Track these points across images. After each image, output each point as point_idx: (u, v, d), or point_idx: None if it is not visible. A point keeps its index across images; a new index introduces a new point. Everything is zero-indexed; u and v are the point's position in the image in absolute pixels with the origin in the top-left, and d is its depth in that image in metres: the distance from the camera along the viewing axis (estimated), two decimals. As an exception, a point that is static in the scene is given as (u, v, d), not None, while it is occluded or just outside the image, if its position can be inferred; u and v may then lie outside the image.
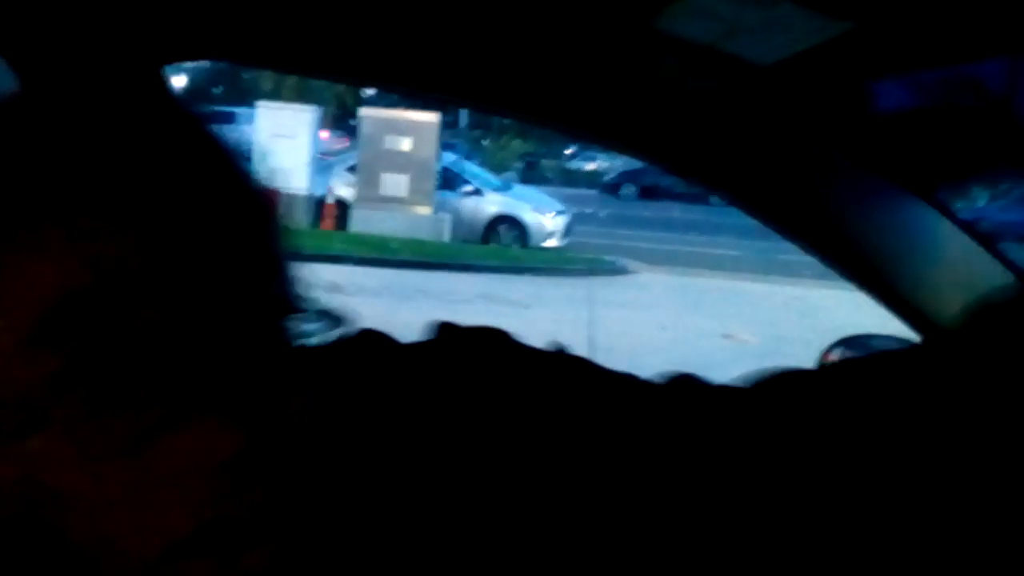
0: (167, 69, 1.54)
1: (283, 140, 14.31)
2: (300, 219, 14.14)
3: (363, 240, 13.94)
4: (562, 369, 0.79)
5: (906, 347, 1.10)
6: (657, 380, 0.82)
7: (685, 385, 0.82)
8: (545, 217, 15.88)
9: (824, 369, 0.85)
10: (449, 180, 16.03)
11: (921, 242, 1.24)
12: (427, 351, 0.78)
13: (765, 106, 1.18)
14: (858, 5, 0.96)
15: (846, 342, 1.90)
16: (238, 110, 18.16)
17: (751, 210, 1.26)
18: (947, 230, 1.23)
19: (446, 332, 0.79)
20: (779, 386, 0.82)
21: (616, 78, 1.18)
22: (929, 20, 1.00)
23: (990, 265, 1.22)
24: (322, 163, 15.58)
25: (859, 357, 0.85)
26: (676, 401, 0.79)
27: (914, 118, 1.22)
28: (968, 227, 1.24)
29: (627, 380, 0.80)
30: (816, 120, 1.19)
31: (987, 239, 1.23)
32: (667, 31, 1.06)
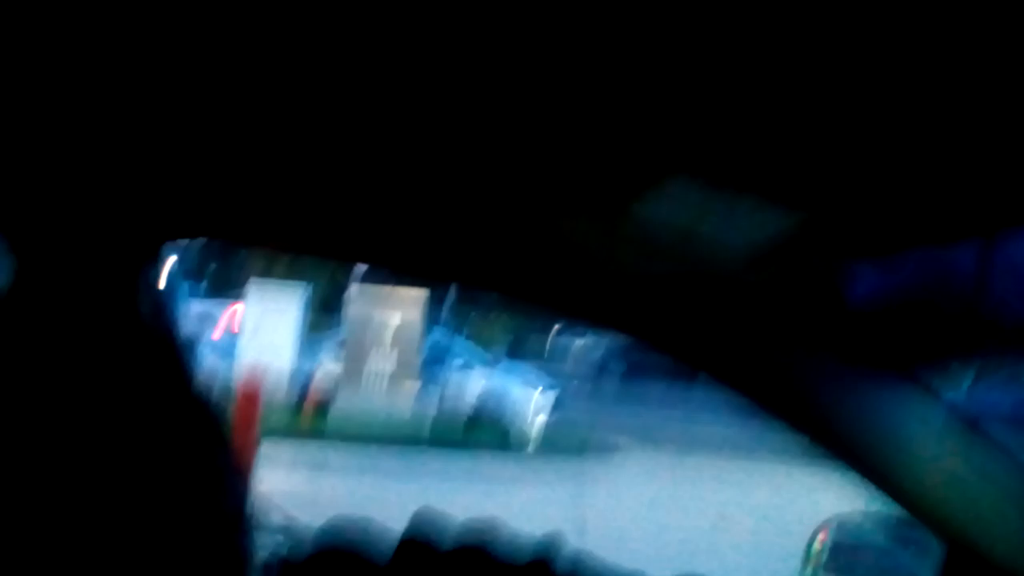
0: (164, 249, 1.57)
1: (272, 317, 14.39)
2: (285, 397, 14.07)
3: (349, 418, 13.83)
4: None
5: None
6: None
7: None
8: (533, 393, 15.82)
9: None
10: (437, 355, 16.05)
11: (903, 423, 1.25)
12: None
13: (739, 290, 1.21)
14: (820, 196, 1.00)
15: (835, 523, 1.88)
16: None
17: (733, 390, 1.27)
18: (929, 411, 1.24)
19: (414, 550, 0.78)
20: None
21: (593, 263, 1.21)
22: (895, 209, 1.04)
23: (973, 445, 1.23)
24: (311, 340, 15.62)
25: None
26: None
27: (890, 304, 1.25)
28: (951, 408, 1.25)
29: None
30: (795, 303, 1.22)
31: (970, 419, 1.24)
32: (642, 217, 1.10)
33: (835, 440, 1.27)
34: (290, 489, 9.04)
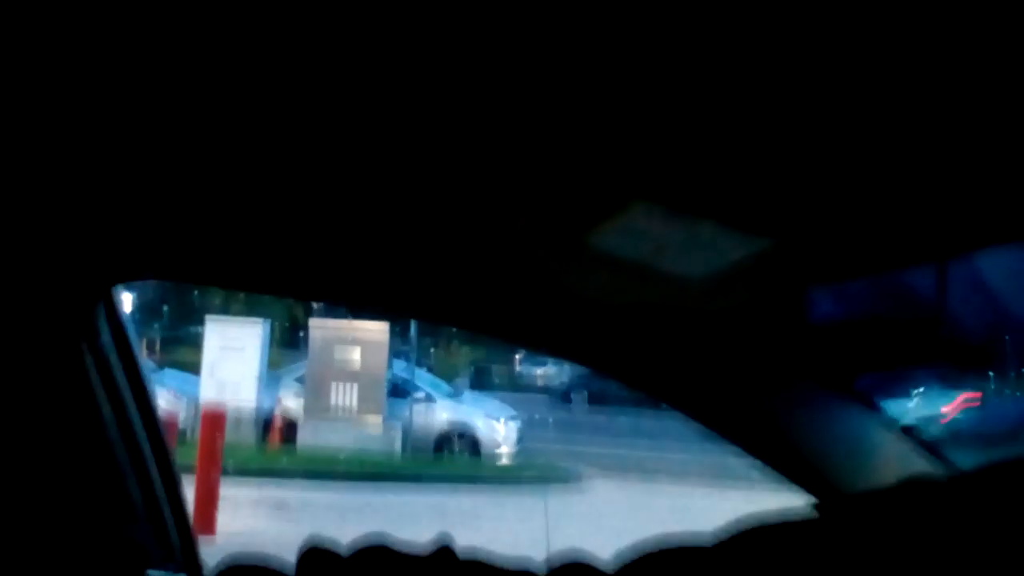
0: (116, 289, 1.56)
1: (232, 353, 14.27)
2: (248, 434, 13.93)
3: (311, 454, 13.71)
4: (448, 571, 0.79)
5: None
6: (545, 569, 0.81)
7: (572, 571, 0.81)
8: (497, 423, 15.78)
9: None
10: (399, 388, 15.98)
11: (860, 446, 1.26)
12: None
13: (700, 317, 1.22)
14: (778, 222, 1.01)
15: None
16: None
17: (693, 416, 1.28)
18: (885, 434, 1.25)
19: (322, 561, 0.78)
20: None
21: (553, 292, 1.21)
22: (853, 233, 1.04)
23: (929, 467, 1.24)
24: (271, 375, 15.49)
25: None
26: None
27: (848, 327, 1.26)
28: (908, 430, 1.26)
29: (518, 573, 0.80)
30: (753, 329, 1.22)
31: (928, 442, 1.25)
32: (600, 248, 1.10)
33: (796, 465, 1.28)
34: (254, 527, 8.93)
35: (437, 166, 1.00)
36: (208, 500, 8.96)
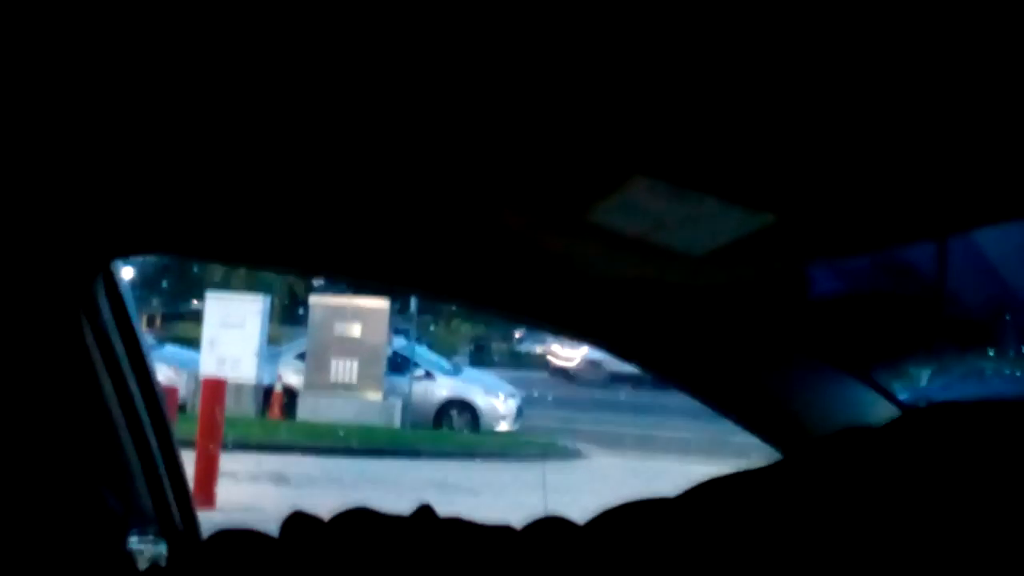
0: (116, 263, 1.55)
1: (232, 329, 14.28)
2: (248, 408, 13.96)
3: (311, 428, 13.75)
4: (430, 531, 0.80)
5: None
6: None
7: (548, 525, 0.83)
8: (496, 400, 15.82)
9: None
10: (399, 365, 16.00)
11: (862, 423, 1.26)
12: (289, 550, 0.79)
13: (701, 293, 1.21)
14: (779, 198, 1.01)
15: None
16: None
17: (693, 393, 1.28)
18: (886, 410, 1.25)
19: (304, 525, 0.80)
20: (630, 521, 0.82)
21: (554, 268, 1.21)
22: (854, 209, 1.04)
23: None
24: (271, 351, 15.52)
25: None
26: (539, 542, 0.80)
27: (849, 303, 1.26)
28: (905, 406, 1.26)
29: (494, 530, 0.81)
30: (754, 305, 1.22)
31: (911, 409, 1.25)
32: (601, 224, 1.10)
33: (795, 441, 1.28)
34: (254, 500, 8.97)
35: (439, 141, 1.00)
36: (208, 474, 9.00)
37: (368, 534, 0.80)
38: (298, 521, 0.82)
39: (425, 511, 0.83)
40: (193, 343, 15.35)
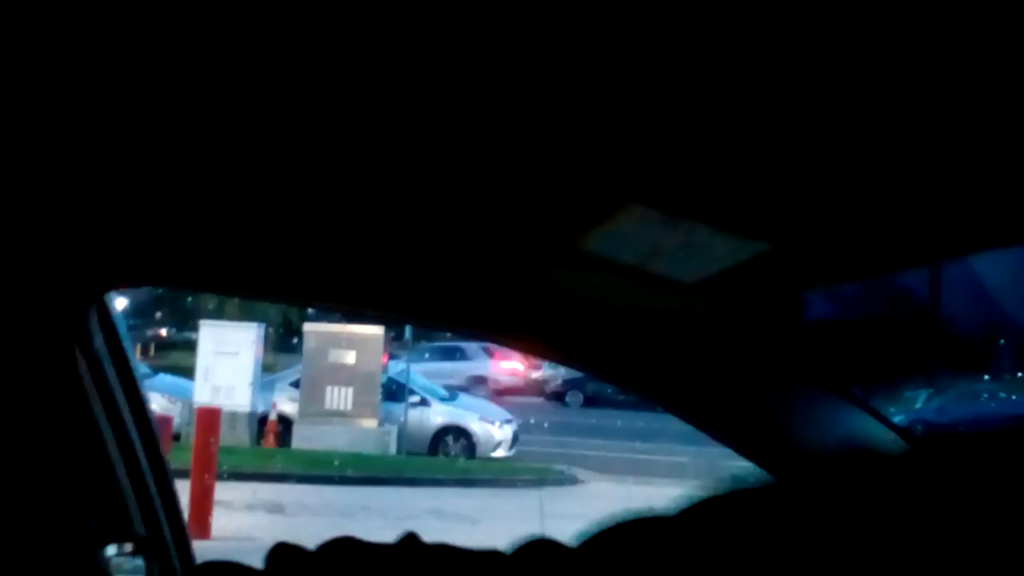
0: (110, 294, 1.55)
1: (226, 358, 14.25)
2: (243, 437, 13.91)
3: (306, 456, 13.69)
4: (416, 559, 0.80)
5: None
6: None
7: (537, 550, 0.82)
8: (492, 426, 15.78)
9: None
10: (394, 392, 15.96)
11: (857, 447, 1.26)
12: None
13: (696, 319, 1.22)
14: (773, 225, 1.01)
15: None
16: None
17: (687, 418, 1.28)
18: (881, 434, 1.25)
19: (289, 556, 0.80)
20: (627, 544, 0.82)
21: (548, 295, 1.21)
22: (848, 236, 1.05)
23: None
24: (265, 379, 15.47)
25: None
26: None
27: (844, 328, 1.26)
28: (903, 430, 1.26)
29: (483, 555, 0.81)
30: (749, 330, 1.22)
31: (920, 439, 1.25)
32: (595, 251, 1.10)
33: (791, 467, 1.28)
34: (250, 529, 8.91)
35: (431, 171, 1.00)
36: (203, 503, 8.95)
37: (353, 564, 0.80)
38: (283, 552, 0.81)
39: (410, 539, 0.83)
40: (187, 372, 15.31)
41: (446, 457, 15.22)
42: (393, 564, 0.80)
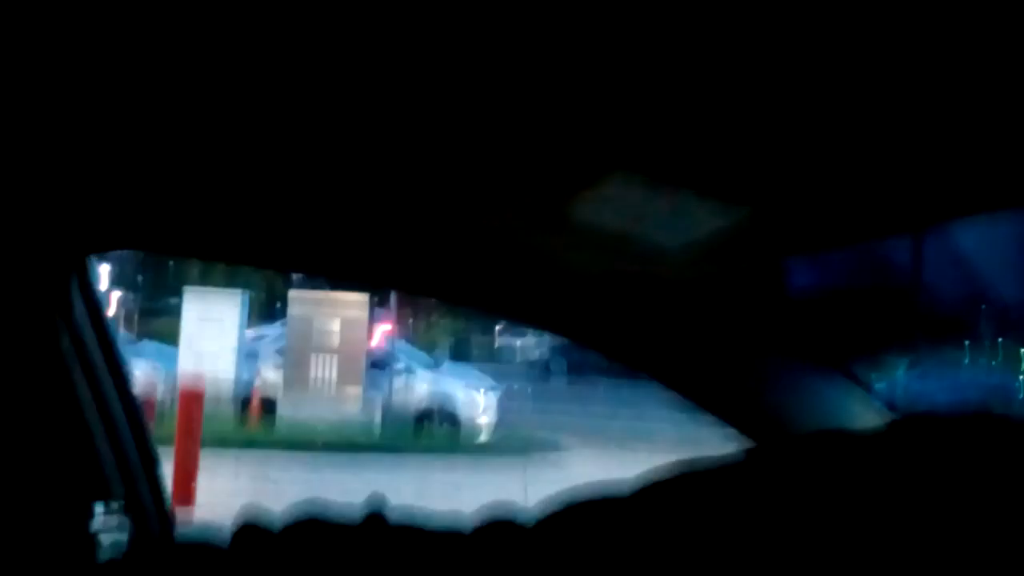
0: (90, 259, 1.54)
1: (210, 324, 14.22)
2: (227, 405, 13.90)
3: (291, 426, 13.71)
4: (376, 539, 0.81)
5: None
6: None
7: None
8: (477, 394, 15.82)
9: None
10: (379, 360, 15.97)
11: (839, 418, 1.27)
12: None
13: (677, 288, 1.22)
14: (756, 192, 1.01)
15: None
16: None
17: (670, 386, 1.28)
18: (861, 403, 1.26)
19: (254, 537, 0.80)
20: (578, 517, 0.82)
21: (532, 263, 1.21)
22: (830, 203, 1.05)
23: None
24: (250, 347, 15.45)
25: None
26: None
27: (826, 298, 1.27)
28: (882, 399, 1.27)
29: (443, 537, 0.82)
30: (731, 300, 1.22)
31: (901, 410, 1.26)
32: (579, 219, 1.10)
33: (773, 436, 1.29)
34: (233, 499, 8.93)
35: (416, 137, 0.99)
36: (187, 472, 8.96)
37: (316, 544, 0.80)
38: (248, 533, 0.82)
39: (375, 518, 0.83)
40: (171, 339, 15.27)
41: (431, 426, 15.27)
42: (355, 545, 0.81)
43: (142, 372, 11.53)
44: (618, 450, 13.53)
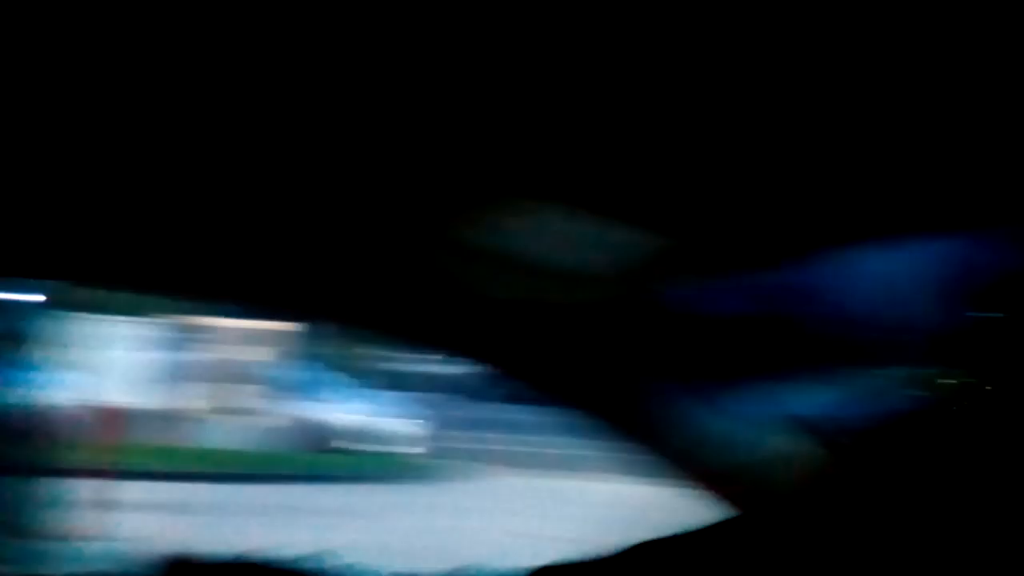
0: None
1: (124, 353, 13.91)
2: (142, 433, 13.58)
3: (208, 454, 13.45)
4: None
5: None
6: None
7: None
8: (398, 421, 15.70)
9: None
10: (296, 387, 15.75)
11: (752, 439, 1.28)
12: None
13: (584, 314, 1.22)
14: (667, 216, 1.02)
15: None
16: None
17: (580, 412, 1.29)
18: (779, 429, 1.27)
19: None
20: None
21: (445, 287, 1.21)
22: (740, 227, 1.06)
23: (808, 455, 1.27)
24: (166, 374, 15.14)
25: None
26: None
27: (741, 323, 1.28)
28: (789, 419, 1.29)
29: None
30: (623, 323, 1.23)
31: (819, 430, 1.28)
32: (492, 243, 1.10)
33: (681, 458, 1.30)
34: (144, 528, 8.70)
35: (327, 158, 0.99)
36: (101, 502, 8.74)
37: None
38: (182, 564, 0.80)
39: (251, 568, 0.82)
40: (83, 368, 14.87)
41: (350, 453, 15.07)
42: None
43: (55, 401, 11.19)
44: (535, 475, 13.52)
